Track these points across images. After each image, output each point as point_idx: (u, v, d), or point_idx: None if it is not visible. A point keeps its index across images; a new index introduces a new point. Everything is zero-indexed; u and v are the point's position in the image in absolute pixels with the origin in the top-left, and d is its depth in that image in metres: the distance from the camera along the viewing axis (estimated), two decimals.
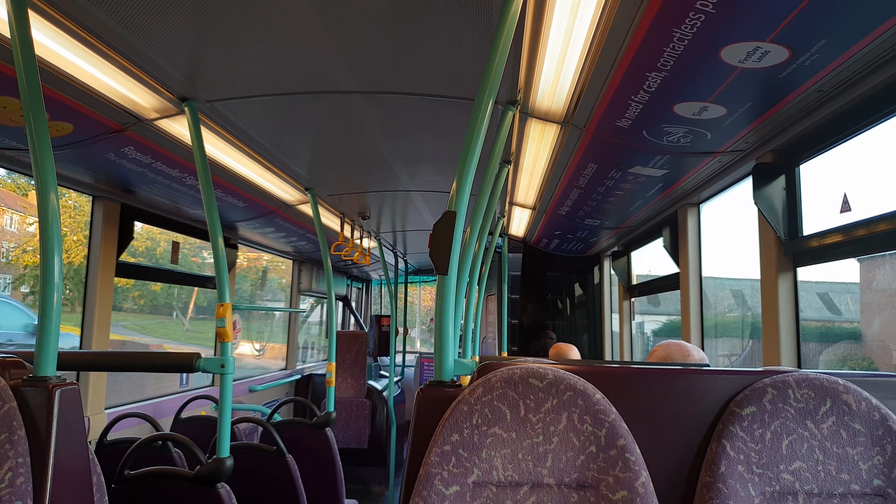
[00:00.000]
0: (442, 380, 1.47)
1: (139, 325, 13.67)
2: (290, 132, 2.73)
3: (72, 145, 2.46)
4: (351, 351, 6.26)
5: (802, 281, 2.34)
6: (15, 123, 2.21)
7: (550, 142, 2.66)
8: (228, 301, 2.41)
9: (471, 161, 1.51)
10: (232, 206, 3.72)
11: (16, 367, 1.53)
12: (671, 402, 1.39)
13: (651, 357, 2.18)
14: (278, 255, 6.11)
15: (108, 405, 3.50)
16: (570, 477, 1.29)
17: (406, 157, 3.14)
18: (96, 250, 3.32)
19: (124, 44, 1.82)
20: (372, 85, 2.20)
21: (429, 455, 1.30)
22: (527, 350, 6.00)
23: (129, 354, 2.41)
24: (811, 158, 2.27)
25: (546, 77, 2.05)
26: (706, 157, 2.46)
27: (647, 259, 4.52)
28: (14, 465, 1.39)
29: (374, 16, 1.71)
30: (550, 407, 1.31)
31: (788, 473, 1.29)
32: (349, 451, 6.01)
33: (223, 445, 2.34)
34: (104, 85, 2.06)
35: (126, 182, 3.07)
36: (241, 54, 1.95)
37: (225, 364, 2.30)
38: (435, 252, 1.49)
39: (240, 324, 5.58)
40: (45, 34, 1.73)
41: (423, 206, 4.35)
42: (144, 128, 2.43)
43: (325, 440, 3.76)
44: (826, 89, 1.79)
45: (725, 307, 4.87)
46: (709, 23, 1.47)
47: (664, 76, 1.77)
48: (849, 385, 1.32)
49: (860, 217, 1.97)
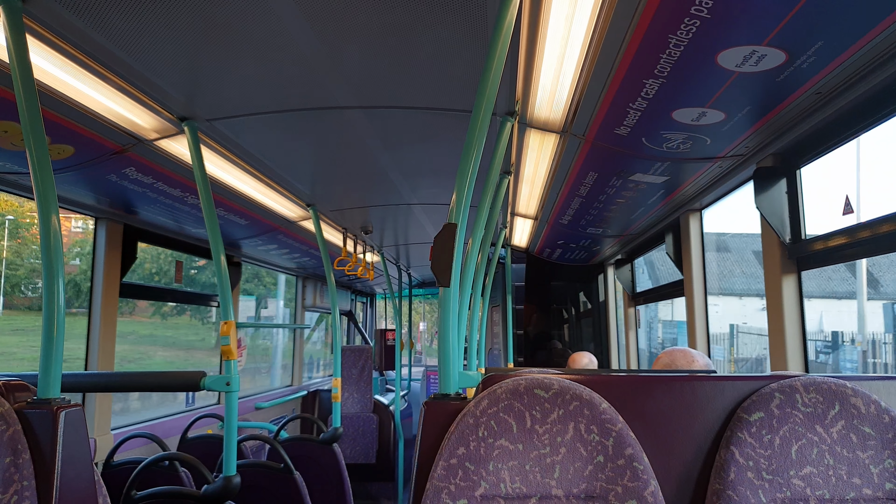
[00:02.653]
0: (447, 392, 1.46)
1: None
2: (291, 149, 2.73)
3: (73, 167, 2.47)
4: (356, 366, 6.24)
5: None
6: (16, 148, 2.22)
7: (550, 151, 2.67)
8: (232, 319, 2.41)
9: (470, 173, 1.51)
10: (234, 224, 3.73)
11: (20, 390, 1.53)
12: (678, 409, 1.38)
13: (655, 364, 2.17)
14: (282, 272, 6.11)
15: (117, 419, 3.49)
16: (578, 488, 1.27)
17: (406, 171, 3.15)
18: (100, 272, 3.32)
19: (123, 66, 1.84)
20: (371, 100, 2.21)
21: (435, 469, 1.28)
22: (533, 361, 5.97)
23: (134, 375, 2.40)
24: (812, 161, 2.27)
25: (543, 87, 2.05)
26: (707, 163, 2.46)
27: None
28: (20, 489, 1.38)
29: (371, 31, 1.72)
30: (557, 417, 1.30)
31: (799, 479, 1.27)
32: (357, 467, 5.97)
33: (230, 464, 2.33)
34: (104, 107, 2.07)
35: (128, 203, 3.08)
36: (240, 73, 1.97)
37: (230, 382, 2.29)
38: (436, 264, 1.49)
39: (245, 341, 5.56)
40: (44, 58, 1.74)
41: (424, 219, 4.35)
42: (145, 148, 2.44)
43: (332, 456, 3.74)
44: (824, 91, 1.79)
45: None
46: (704, 28, 1.48)
47: (662, 83, 1.78)
48: (857, 388, 1.31)
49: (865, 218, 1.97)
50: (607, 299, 5.36)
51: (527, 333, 6.10)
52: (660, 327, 17.03)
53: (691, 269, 3.22)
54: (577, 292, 6.17)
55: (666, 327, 16.93)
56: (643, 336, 10.99)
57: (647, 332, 15.42)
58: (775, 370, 2.35)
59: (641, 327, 4.90)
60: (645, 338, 13.84)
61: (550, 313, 6.27)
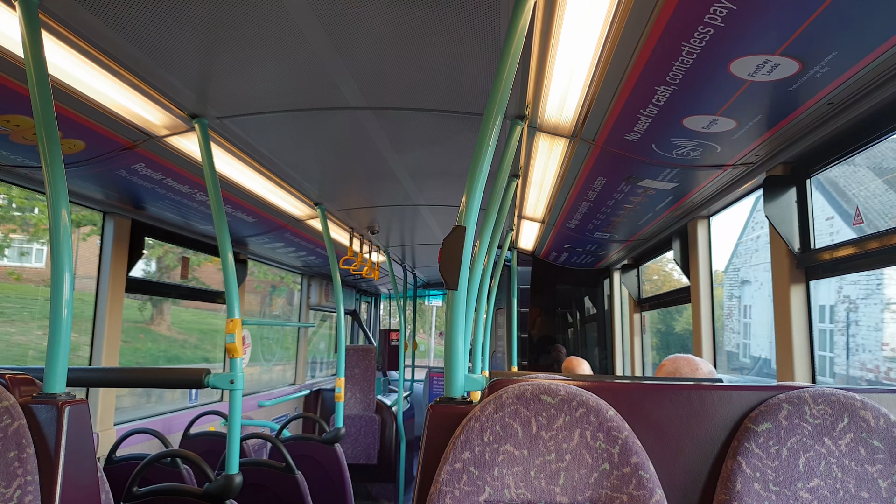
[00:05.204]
0: (452, 396, 1.46)
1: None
2: (300, 148, 2.74)
3: (84, 162, 2.48)
4: (360, 366, 6.24)
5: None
6: (28, 142, 2.23)
7: (559, 156, 2.66)
8: (238, 317, 2.41)
9: (480, 176, 1.51)
10: (241, 221, 3.73)
11: (25, 385, 1.54)
12: (685, 418, 1.37)
13: (659, 371, 2.16)
14: (287, 270, 6.12)
15: (120, 406, 3.50)
16: (583, 495, 1.27)
17: (415, 172, 3.15)
18: (106, 266, 3.33)
19: (136, 62, 1.84)
20: (381, 101, 2.21)
21: (440, 473, 1.28)
22: (537, 364, 5.96)
23: (138, 370, 2.41)
24: (822, 171, 2.26)
25: (554, 92, 2.05)
26: (716, 170, 2.45)
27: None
28: (23, 483, 1.39)
29: (382, 33, 1.72)
30: (563, 424, 1.29)
31: (806, 491, 1.27)
32: (358, 467, 5.97)
33: (232, 462, 2.33)
34: (116, 103, 2.08)
35: (137, 198, 3.09)
36: (251, 71, 1.97)
37: (234, 380, 2.30)
38: (445, 268, 1.48)
39: (249, 339, 5.57)
40: (59, 53, 1.75)
41: (431, 220, 4.35)
42: (155, 145, 2.45)
43: (334, 456, 3.74)
44: (837, 101, 1.78)
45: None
46: (718, 36, 1.47)
47: (673, 90, 1.77)
48: (866, 401, 1.30)
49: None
50: (612, 304, 5.34)
51: (531, 337, 6.09)
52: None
53: (698, 276, 3.21)
54: (583, 296, 6.15)
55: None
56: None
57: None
58: (782, 380, 2.33)
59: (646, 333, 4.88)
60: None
61: (555, 317, 6.26)
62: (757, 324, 13.50)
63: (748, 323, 13.84)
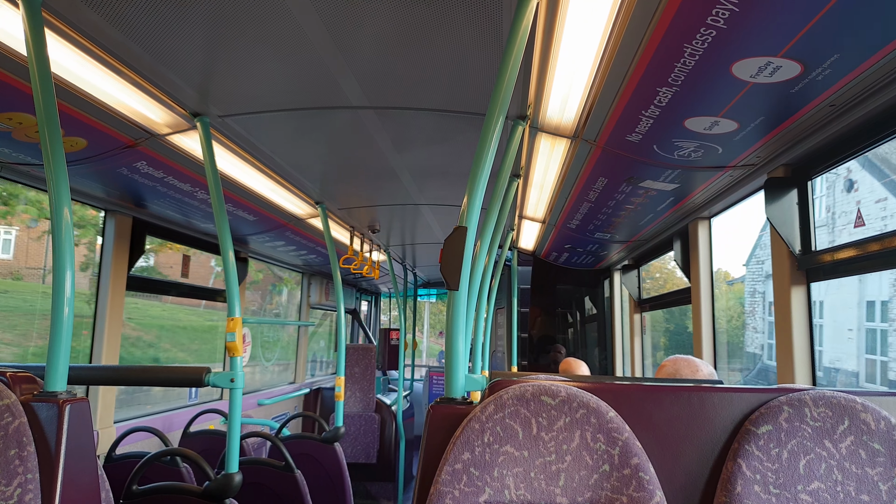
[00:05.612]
0: (453, 396, 1.46)
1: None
2: (301, 147, 2.74)
3: (85, 160, 2.48)
4: (360, 365, 6.24)
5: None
6: (30, 139, 2.23)
7: (560, 156, 2.66)
8: (238, 315, 2.41)
9: (481, 176, 1.51)
10: (242, 219, 3.74)
11: (27, 382, 1.54)
12: (685, 419, 1.37)
13: (659, 372, 2.16)
14: (288, 269, 6.12)
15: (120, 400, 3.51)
16: (583, 496, 1.27)
17: (416, 171, 3.15)
18: (107, 264, 3.33)
19: (138, 60, 1.84)
20: (382, 100, 2.21)
21: (440, 473, 1.28)
22: (537, 365, 5.96)
23: (139, 369, 2.41)
24: (824, 172, 2.26)
25: (556, 92, 2.05)
26: (717, 172, 2.45)
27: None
28: (23, 482, 1.39)
29: (384, 32, 1.72)
30: (563, 425, 1.30)
31: (807, 494, 1.27)
32: (357, 466, 5.97)
33: (232, 461, 2.33)
34: (118, 101, 2.08)
35: (138, 196, 3.09)
36: (253, 70, 1.97)
37: (235, 379, 2.30)
38: (446, 268, 1.49)
39: (249, 337, 5.58)
40: (61, 51, 1.75)
41: (432, 220, 4.35)
42: (157, 143, 2.45)
43: (333, 455, 3.74)
44: (839, 104, 1.78)
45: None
46: (720, 38, 1.47)
47: (675, 91, 1.77)
48: (867, 403, 1.30)
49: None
50: (613, 305, 5.35)
51: (531, 337, 6.09)
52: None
53: (699, 277, 3.21)
54: (583, 297, 6.15)
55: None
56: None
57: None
58: (782, 382, 2.33)
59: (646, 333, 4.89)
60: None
61: (555, 317, 6.26)
62: None
63: (774, 321, 13.26)
